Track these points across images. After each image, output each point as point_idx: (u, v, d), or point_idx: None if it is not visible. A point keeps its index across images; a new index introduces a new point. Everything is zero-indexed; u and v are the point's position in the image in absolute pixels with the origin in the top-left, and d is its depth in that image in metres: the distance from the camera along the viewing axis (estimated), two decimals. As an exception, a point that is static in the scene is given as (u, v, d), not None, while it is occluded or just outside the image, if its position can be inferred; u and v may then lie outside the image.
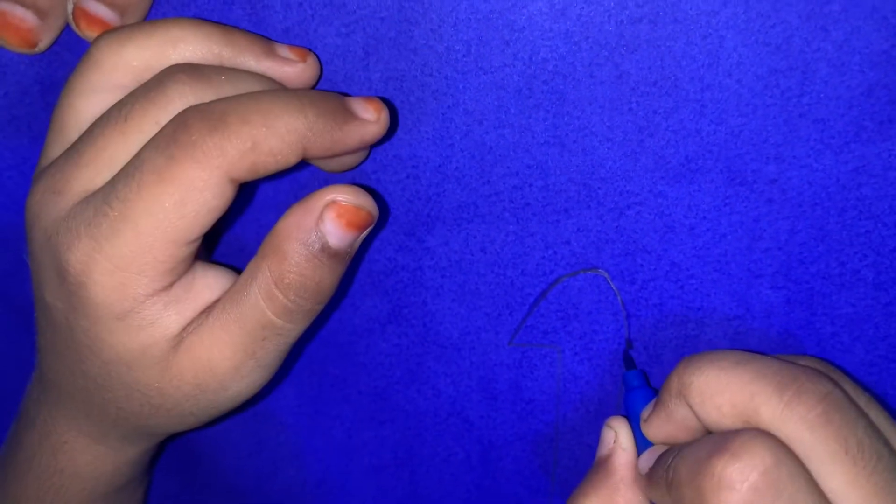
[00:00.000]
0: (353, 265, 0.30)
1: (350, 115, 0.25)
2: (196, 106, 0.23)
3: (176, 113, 0.24)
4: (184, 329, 0.25)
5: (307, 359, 0.33)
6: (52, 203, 0.24)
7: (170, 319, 0.25)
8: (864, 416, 0.23)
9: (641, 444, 0.26)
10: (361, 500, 0.34)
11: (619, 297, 0.29)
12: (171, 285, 0.24)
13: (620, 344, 0.30)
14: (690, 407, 0.24)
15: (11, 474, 0.30)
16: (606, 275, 0.29)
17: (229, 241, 0.31)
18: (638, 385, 0.28)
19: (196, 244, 0.24)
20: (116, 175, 0.24)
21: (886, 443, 0.23)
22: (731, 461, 0.22)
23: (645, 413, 0.26)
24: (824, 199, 0.27)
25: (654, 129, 0.27)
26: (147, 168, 0.23)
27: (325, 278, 0.25)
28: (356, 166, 0.28)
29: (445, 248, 0.30)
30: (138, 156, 0.23)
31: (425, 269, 0.30)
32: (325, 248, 0.24)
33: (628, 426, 0.27)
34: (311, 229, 0.24)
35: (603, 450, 0.27)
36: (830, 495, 0.22)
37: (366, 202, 0.24)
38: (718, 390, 0.23)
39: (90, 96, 0.25)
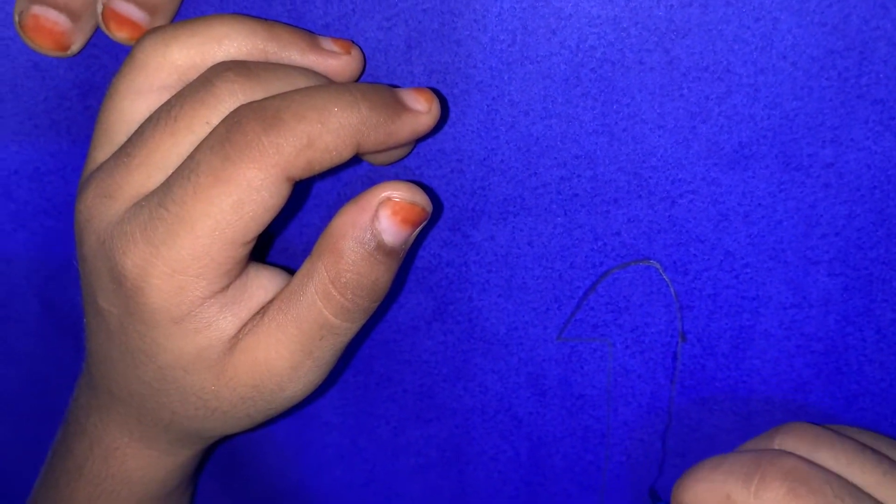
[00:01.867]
0: (403, 262, 0.30)
1: (402, 108, 0.24)
2: (249, 104, 0.23)
3: (226, 112, 0.23)
4: (239, 330, 0.25)
5: (352, 358, 0.32)
6: (104, 207, 0.24)
7: (226, 321, 0.24)
8: (834, 478, 0.24)
9: None
10: (409, 500, 0.34)
11: (671, 289, 0.28)
12: (227, 287, 0.24)
13: (673, 336, 0.29)
14: None
15: (63, 480, 0.30)
16: (658, 266, 0.28)
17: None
18: None
19: (251, 245, 0.24)
20: (171, 177, 0.23)
21: (866, 494, 0.25)
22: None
23: None
24: (883, 181, 0.26)
25: (706, 115, 0.26)
26: (203, 170, 0.22)
27: (381, 276, 0.24)
28: (402, 159, 0.28)
29: (491, 243, 0.29)
30: (193, 157, 0.23)
31: (471, 264, 0.30)
32: (381, 246, 0.24)
33: None
34: (367, 227, 0.24)
35: None
36: None
37: (420, 198, 0.24)
38: (703, 500, 0.26)
39: (136, 98, 0.25)
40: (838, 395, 0.29)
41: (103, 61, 0.29)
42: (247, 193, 0.22)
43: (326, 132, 0.23)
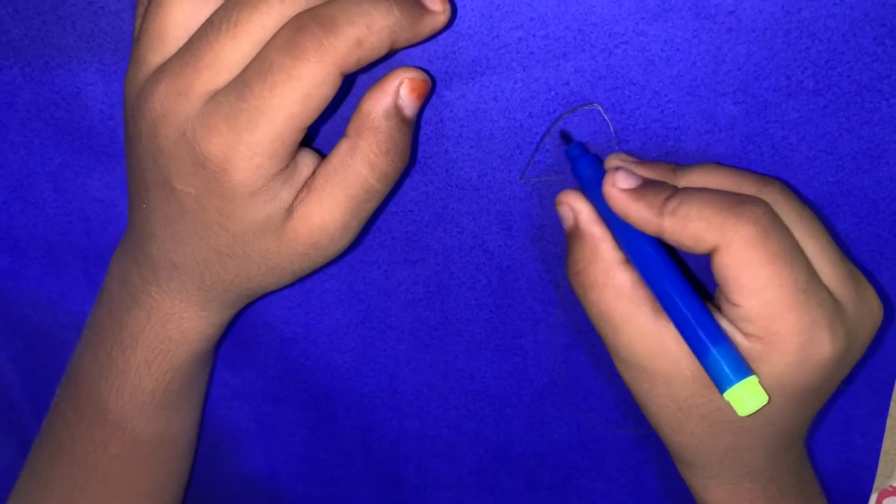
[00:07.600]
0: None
1: (424, 10, 0.29)
2: (307, 11, 0.27)
3: (277, 16, 0.28)
4: (294, 199, 0.30)
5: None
6: (179, 103, 0.28)
7: (286, 192, 0.30)
8: (786, 225, 0.30)
9: (597, 204, 0.33)
10: (400, 332, 0.40)
11: (611, 127, 0.35)
12: (287, 165, 0.29)
13: (613, 167, 0.36)
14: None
15: (117, 352, 0.35)
16: (600, 108, 0.34)
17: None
18: (579, 154, 0.34)
19: (306, 130, 0.29)
20: (245, 74, 0.27)
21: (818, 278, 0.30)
22: (751, 205, 0.29)
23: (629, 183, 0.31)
24: (772, 24, 0.33)
25: (633, -24, 0.32)
26: (276, 68, 0.27)
27: (406, 142, 0.30)
28: None
29: (462, 101, 0.34)
30: (265, 58, 0.27)
31: (445, 121, 0.35)
32: (403, 118, 0.30)
33: (575, 192, 0.33)
34: (393, 104, 0.29)
35: (568, 223, 0.33)
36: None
37: (425, 76, 0.30)
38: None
39: (185, 6, 0.28)
40: (743, 202, 0.36)
41: (101, -40, 0.32)
42: (312, 87, 0.27)
43: (371, 34, 0.27)
